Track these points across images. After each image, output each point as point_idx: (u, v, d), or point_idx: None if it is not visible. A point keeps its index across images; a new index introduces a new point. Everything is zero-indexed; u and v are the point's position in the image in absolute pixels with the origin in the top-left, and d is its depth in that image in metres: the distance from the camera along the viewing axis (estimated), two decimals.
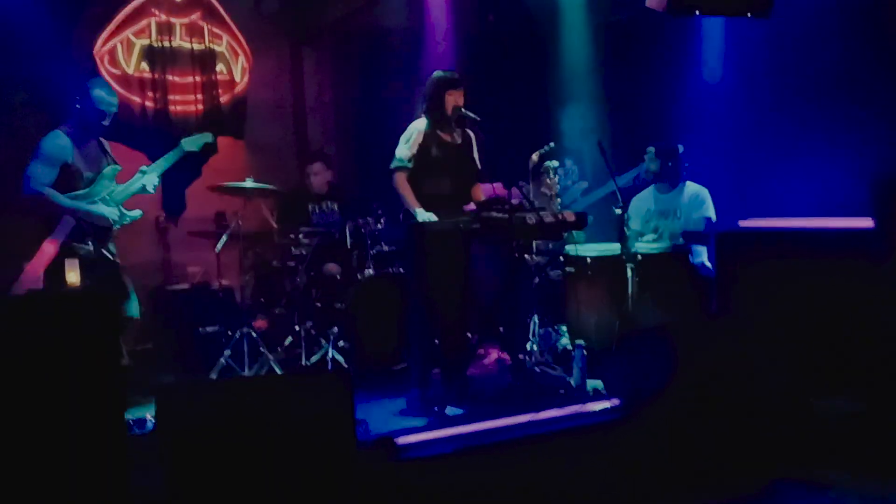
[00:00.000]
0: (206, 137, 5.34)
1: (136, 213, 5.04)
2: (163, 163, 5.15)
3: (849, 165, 5.67)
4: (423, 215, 4.77)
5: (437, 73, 5.00)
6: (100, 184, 4.86)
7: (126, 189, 4.98)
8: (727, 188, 6.33)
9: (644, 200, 6.02)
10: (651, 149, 5.91)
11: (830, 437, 4.20)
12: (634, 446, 4.16)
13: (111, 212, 4.85)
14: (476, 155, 5.08)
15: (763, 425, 4.27)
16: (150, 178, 5.04)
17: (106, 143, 5.07)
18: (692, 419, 4.27)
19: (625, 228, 5.13)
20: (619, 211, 5.12)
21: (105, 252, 4.78)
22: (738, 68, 6.56)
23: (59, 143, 4.76)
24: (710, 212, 5.84)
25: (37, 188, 4.68)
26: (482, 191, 5.12)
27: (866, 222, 4.63)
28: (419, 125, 4.92)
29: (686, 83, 6.80)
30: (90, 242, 4.73)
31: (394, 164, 4.94)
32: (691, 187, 5.91)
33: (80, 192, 4.79)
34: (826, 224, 4.82)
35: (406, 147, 4.89)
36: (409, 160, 4.87)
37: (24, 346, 3.02)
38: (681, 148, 5.96)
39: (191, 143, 5.24)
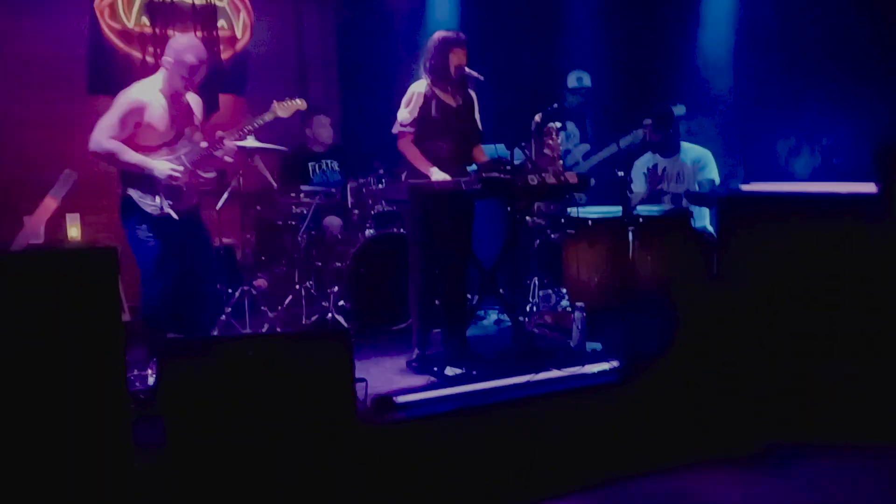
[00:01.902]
0: (299, 104, 4.97)
1: (210, 174, 4.75)
2: (250, 126, 4.84)
3: (852, 130, 5.65)
4: (438, 175, 4.73)
5: (440, 33, 4.92)
6: (180, 142, 4.57)
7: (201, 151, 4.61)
8: (730, 152, 6.31)
9: (645, 163, 5.99)
10: (648, 121, 5.82)
11: (830, 399, 4.22)
12: (633, 407, 4.20)
13: (172, 168, 4.45)
14: (477, 116, 5.04)
15: (762, 387, 4.30)
16: (229, 145, 4.70)
17: (193, 100, 4.73)
18: (690, 381, 4.30)
19: (626, 191, 5.11)
20: (620, 173, 5.10)
21: (170, 211, 4.47)
22: (741, 32, 6.51)
23: (135, 95, 4.46)
24: (714, 174, 5.81)
25: (102, 142, 4.38)
26: (483, 152, 5.09)
27: (869, 187, 4.61)
28: (419, 87, 4.87)
29: (690, 46, 6.75)
30: (157, 199, 4.45)
31: (396, 129, 4.90)
32: (693, 150, 5.88)
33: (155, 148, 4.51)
34: (828, 189, 4.81)
35: (407, 111, 4.84)
36: (412, 123, 4.82)
37: (25, 302, 3.01)
38: (681, 109, 5.90)
39: (283, 109, 4.90)
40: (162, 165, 4.43)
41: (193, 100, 4.71)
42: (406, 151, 4.87)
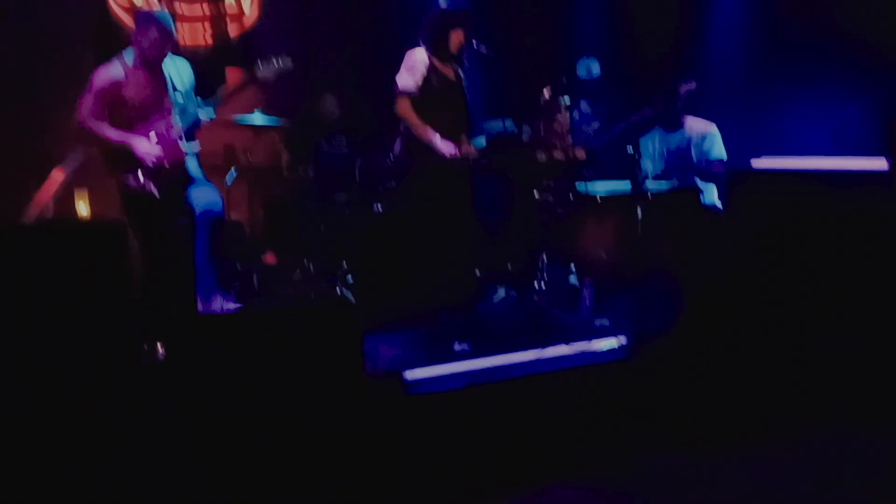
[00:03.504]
0: (285, 64, 4.82)
1: (195, 145, 4.74)
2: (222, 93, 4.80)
3: (863, 106, 5.60)
4: (440, 142, 4.71)
5: (442, 9, 4.91)
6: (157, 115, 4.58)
7: (182, 121, 4.63)
8: (740, 126, 6.27)
9: (651, 140, 5.95)
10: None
11: (840, 380, 4.22)
12: (641, 383, 4.20)
13: (148, 148, 4.49)
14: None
15: (771, 366, 4.30)
16: (206, 109, 4.71)
17: (173, 72, 4.71)
18: (698, 359, 4.30)
19: (635, 167, 5.09)
20: (630, 149, 5.08)
21: (151, 188, 4.52)
22: (751, 4, 6.45)
23: (107, 74, 4.52)
24: (721, 150, 5.77)
25: (81, 120, 4.47)
26: (491, 126, 5.07)
27: (880, 162, 4.58)
28: (421, 55, 4.83)
29: (699, 19, 6.69)
30: (139, 174, 4.50)
31: (399, 92, 4.85)
32: (697, 124, 5.83)
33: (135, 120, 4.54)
34: (839, 164, 4.78)
35: (409, 76, 4.80)
36: (415, 89, 4.78)
37: (34, 275, 3.03)
38: (686, 86, 5.83)
39: (266, 72, 4.79)
40: (140, 142, 4.46)
41: (179, 66, 4.70)
42: (407, 116, 4.84)
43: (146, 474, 3.15)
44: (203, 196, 4.63)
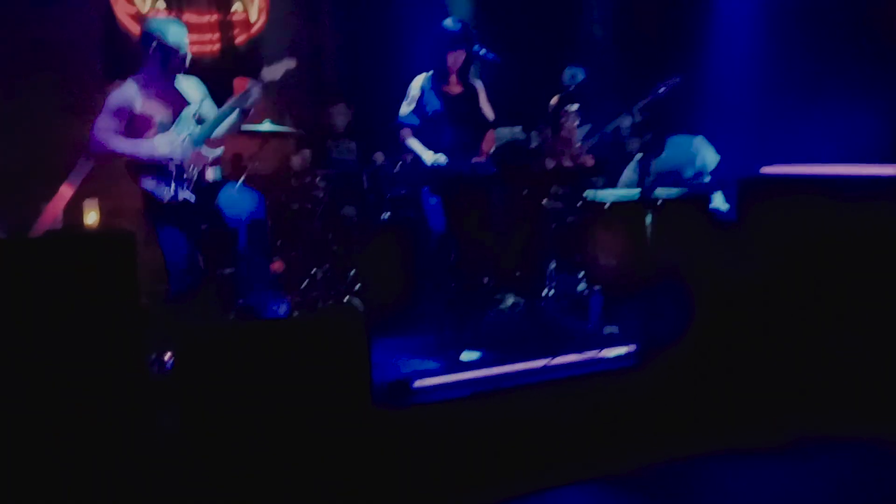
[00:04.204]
0: (289, 64, 4.79)
1: (219, 150, 4.75)
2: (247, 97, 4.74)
3: (874, 112, 5.58)
4: (431, 157, 4.77)
5: (441, 27, 4.94)
6: (179, 126, 4.58)
7: (208, 128, 4.64)
8: (750, 134, 6.25)
9: (634, 170, 5.93)
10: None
11: (851, 386, 4.19)
12: (650, 392, 4.18)
13: (172, 146, 4.48)
14: (486, 105, 5.05)
15: (781, 374, 4.28)
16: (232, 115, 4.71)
17: (190, 82, 4.73)
18: (708, 367, 4.28)
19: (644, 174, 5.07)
20: (639, 155, 5.06)
21: (185, 195, 4.53)
22: (762, 12, 6.44)
23: (122, 93, 4.51)
24: (710, 156, 5.76)
25: (99, 138, 4.43)
26: (499, 135, 5.08)
27: (890, 169, 4.56)
28: (419, 81, 4.97)
29: (709, 26, 6.68)
30: (172, 185, 4.50)
31: (397, 121, 5.05)
32: (680, 143, 5.83)
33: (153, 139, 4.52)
34: (850, 171, 4.76)
35: (406, 105, 5.00)
36: (410, 117, 4.94)
37: (44, 287, 3.03)
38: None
39: (272, 72, 4.74)
40: (160, 142, 4.46)
41: (190, 82, 4.72)
42: (405, 141, 5.03)
43: (150, 482, 3.15)
44: (241, 200, 4.65)
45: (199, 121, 4.61)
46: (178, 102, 4.62)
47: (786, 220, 4.66)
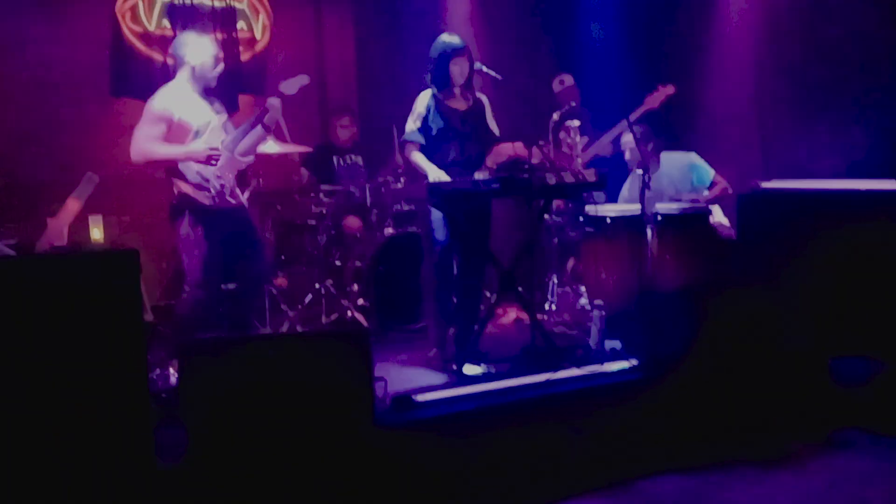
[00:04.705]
0: (303, 80, 4.82)
1: (249, 158, 4.79)
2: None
3: (873, 127, 5.60)
4: (435, 174, 4.77)
5: (440, 42, 4.93)
6: (210, 135, 4.60)
7: (239, 136, 4.69)
8: (751, 149, 6.27)
9: (630, 186, 5.96)
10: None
11: (855, 400, 4.20)
12: (652, 406, 4.19)
13: (210, 147, 4.52)
14: (492, 120, 5.06)
15: (784, 386, 4.28)
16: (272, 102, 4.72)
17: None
18: (710, 380, 4.28)
19: (644, 189, 5.09)
20: (639, 171, 5.09)
21: (228, 197, 4.59)
22: (762, 28, 6.47)
23: (160, 100, 4.55)
24: (705, 172, 5.78)
25: (141, 146, 4.46)
26: (500, 151, 5.09)
27: (891, 184, 4.58)
28: (424, 97, 4.94)
29: (711, 41, 6.72)
30: (212, 189, 4.54)
31: (403, 138, 5.02)
32: (675, 160, 5.84)
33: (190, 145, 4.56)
34: (850, 185, 4.78)
35: (412, 121, 4.95)
36: (416, 133, 4.91)
37: (48, 303, 3.05)
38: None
39: (288, 87, 4.77)
40: (198, 146, 4.52)
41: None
42: (410, 158, 4.97)
43: (153, 499, 3.17)
44: None
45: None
46: (208, 113, 4.67)
47: (786, 233, 4.68)
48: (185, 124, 4.52)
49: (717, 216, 5.81)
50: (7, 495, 2.98)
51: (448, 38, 4.94)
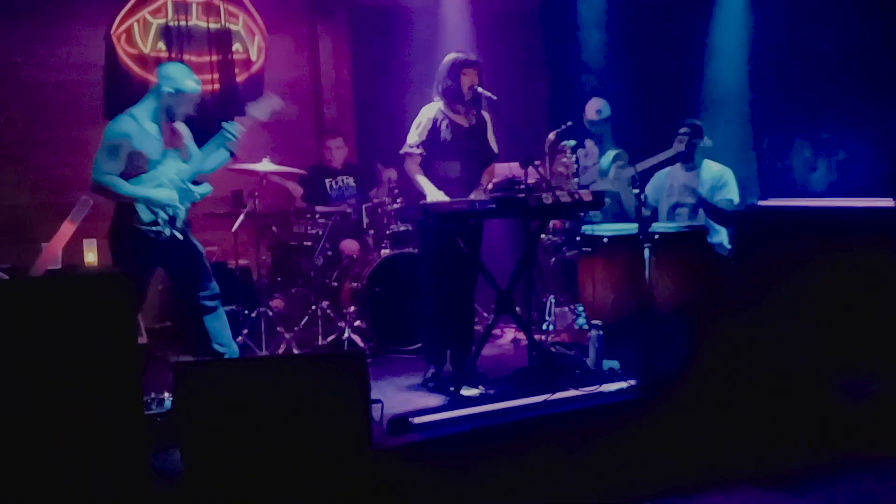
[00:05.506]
0: (274, 102, 4.78)
1: (206, 188, 4.72)
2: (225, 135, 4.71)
3: (868, 145, 5.62)
4: (434, 195, 4.77)
5: (452, 55, 4.96)
6: (165, 165, 4.53)
7: (194, 166, 4.64)
8: (747, 168, 6.28)
9: (665, 177, 5.95)
10: (685, 129, 5.76)
11: (853, 419, 4.18)
12: (650, 426, 4.16)
13: (170, 196, 4.48)
14: (492, 138, 5.06)
15: (781, 406, 4.26)
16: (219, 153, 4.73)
17: (182, 126, 4.71)
18: (708, 399, 4.27)
19: (642, 208, 5.09)
20: (636, 190, 5.08)
21: (176, 233, 4.51)
22: (758, 47, 6.50)
23: (117, 128, 4.46)
24: (734, 193, 5.73)
25: (98, 178, 4.40)
26: (497, 171, 5.09)
27: (887, 202, 4.59)
28: (430, 110, 4.92)
29: (706, 62, 6.74)
30: (161, 224, 4.46)
31: (404, 150, 4.97)
32: (713, 167, 5.82)
33: (144, 175, 4.48)
34: (845, 203, 4.78)
35: (416, 133, 4.91)
36: (419, 146, 4.88)
37: (43, 327, 3.04)
38: (708, 141, 5.85)
39: (257, 110, 4.74)
40: (159, 195, 4.46)
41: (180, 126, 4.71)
42: (410, 171, 4.93)
43: None
44: None
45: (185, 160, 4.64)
46: (173, 139, 4.61)
47: (782, 251, 4.67)
48: (143, 154, 4.44)
49: (720, 236, 5.76)
50: None
51: (460, 52, 4.97)
